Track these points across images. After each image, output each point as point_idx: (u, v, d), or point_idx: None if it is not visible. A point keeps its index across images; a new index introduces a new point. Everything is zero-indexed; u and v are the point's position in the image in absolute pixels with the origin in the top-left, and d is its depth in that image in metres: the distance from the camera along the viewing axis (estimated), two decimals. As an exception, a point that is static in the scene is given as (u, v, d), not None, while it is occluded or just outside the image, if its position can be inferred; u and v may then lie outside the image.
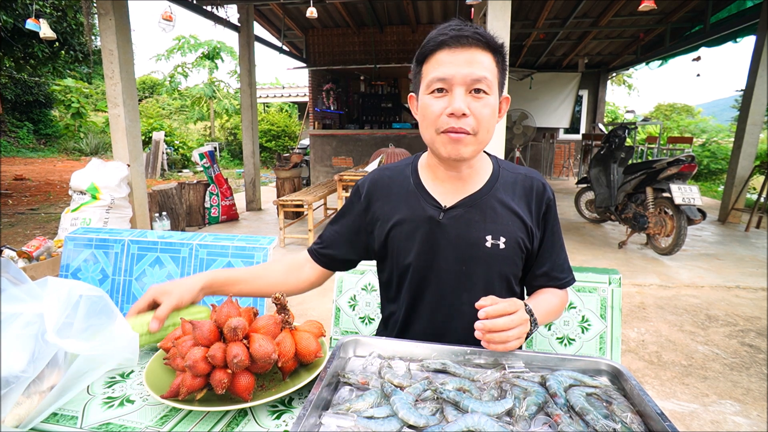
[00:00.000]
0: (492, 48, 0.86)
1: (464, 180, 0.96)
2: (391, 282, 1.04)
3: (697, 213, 4.00)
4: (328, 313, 1.43)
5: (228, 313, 0.81)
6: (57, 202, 7.51)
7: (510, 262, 0.95)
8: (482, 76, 0.83)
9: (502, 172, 1.00)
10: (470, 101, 0.84)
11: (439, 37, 0.85)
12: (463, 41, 0.83)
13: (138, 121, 4.37)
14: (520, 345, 0.80)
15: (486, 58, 0.85)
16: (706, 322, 3.00)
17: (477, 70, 0.83)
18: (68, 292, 0.77)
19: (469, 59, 0.83)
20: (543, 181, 1.00)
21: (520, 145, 9.10)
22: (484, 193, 0.96)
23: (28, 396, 0.71)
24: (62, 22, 6.92)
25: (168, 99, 19.16)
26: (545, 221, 0.98)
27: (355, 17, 8.03)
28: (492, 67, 0.86)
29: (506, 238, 0.94)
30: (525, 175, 1.00)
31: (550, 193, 0.99)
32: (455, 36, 0.83)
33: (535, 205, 0.97)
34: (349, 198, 1.08)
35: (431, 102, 0.86)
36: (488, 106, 0.85)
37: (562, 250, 1.01)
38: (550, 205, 0.98)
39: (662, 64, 8.51)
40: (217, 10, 5.98)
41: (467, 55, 0.83)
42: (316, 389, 0.69)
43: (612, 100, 20.87)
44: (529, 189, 0.98)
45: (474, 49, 0.84)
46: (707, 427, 1.93)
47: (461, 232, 0.94)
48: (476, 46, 0.84)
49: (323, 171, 9.16)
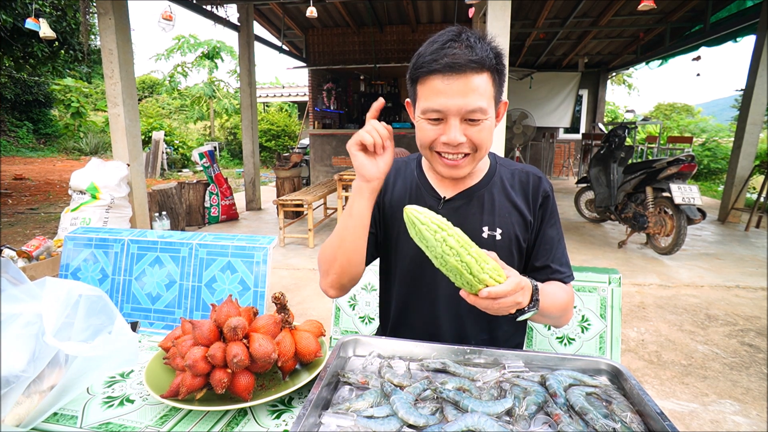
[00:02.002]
0: (488, 67, 0.84)
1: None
2: (390, 271, 1.06)
3: (696, 212, 4.01)
4: (328, 312, 1.43)
5: (228, 312, 0.81)
6: (57, 201, 7.50)
7: (506, 254, 0.96)
8: (477, 107, 0.82)
9: (500, 167, 1.02)
10: (466, 128, 0.85)
11: (433, 64, 0.82)
12: (456, 69, 0.81)
13: (138, 120, 4.36)
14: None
15: (481, 81, 0.83)
16: (706, 321, 3.01)
17: (471, 101, 0.82)
18: (68, 292, 0.77)
19: (463, 89, 0.82)
20: (540, 174, 1.01)
21: (520, 144, 9.09)
22: (483, 185, 0.99)
23: (28, 396, 0.71)
24: (62, 22, 6.91)
25: (168, 98, 19.15)
26: (542, 213, 0.99)
27: (354, 17, 8.03)
28: (488, 89, 0.84)
29: (502, 229, 0.96)
30: (521, 170, 1.02)
31: (547, 185, 1.00)
32: (449, 64, 0.81)
33: (532, 197, 0.99)
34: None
35: (427, 128, 0.87)
36: (485, 130, 0.86)
37: (561, 245, 1.01)
38: (547, 197, 0.99)
39: (662, 63, 8.50)
40: (216, 10, 5.97)
41: (461, 83, 0.81)
42: (315, 389, 0.69)
43: (612, 100, 20.88)
44: (526, 182, 1.00)
45: (468, 75, 0.82)
46: (707, 426, 1.93)
47: (459, 222, 0.94)
48: (471, 72, 0.82)
49: (323, 171, 9.16)
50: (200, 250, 1.57)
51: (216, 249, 1.56)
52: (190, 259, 1.57)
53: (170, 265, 1.58)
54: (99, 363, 0.78)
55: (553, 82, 10.01)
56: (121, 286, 1.61)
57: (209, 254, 1.56)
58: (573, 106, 10.15)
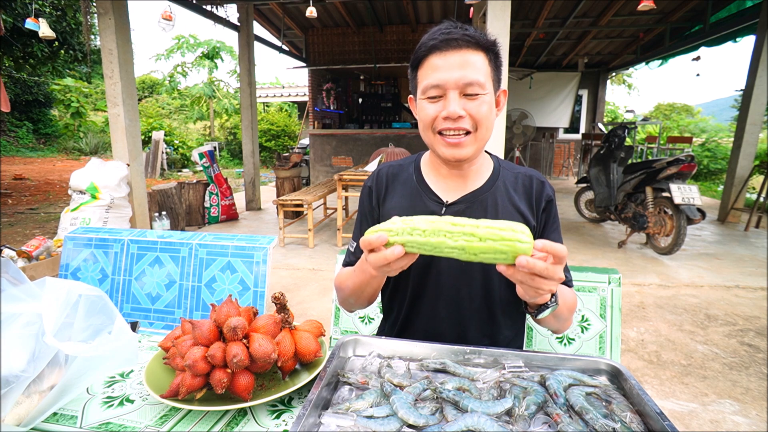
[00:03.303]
0: (483, 47, 0.87)
1: (466, 177, 0.98)
2: (393, 278, 1.05)
3: (696, 212, 4.01)
4: (327, 312, 1.43)
5: (228, 312, 0.81)
6: (56, 201, 7.50)
7: None
8: (474, 80, 0.84)
9: (503, 171, 1.01)
10: (465, 102, 0.86)
11: (430, 41, 0.86)
12: (453, 44, 0.85)
13: (137, 120, 4.37)
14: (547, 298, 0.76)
15: (478, 58, 0.86)
16: (706, 321, 3.01)
17: (469, 74, 0.84)
18: (68, 292, 0.77)
19: (460, 62, 0.85)
20: (542, 178, 1.01)
21: (519, 144, 9.10)
22: (486, 189, 0.98)
23: (28, 395, 0.71)
24: (61, 22, 6.92)
25: (167, 98, 19.15)
26: (545, 218, 0.99)
27: (354, 17, 8.03)
28: (484, 67, 0.87)
29: None
30: (525, 174, 1.01)
31: (550, 190, 1.00)
32: (445, 39, 0.85)
33: (535, 201, 0.99)
34: (361, 201, 1.08)
35: (427, 106, 0.89)
36: (484, 104, 0.87)
37: None
38: (549, 201, 0.99)
39: (662, 63, 8.50)
40: (216, 10, 5.97)
41: (458, 57, 0.85)
42: (315, 389, 0.69)
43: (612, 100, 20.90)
44: (529, 186, 0.99)
45: (465, 51, 0.85)
46: (706, 426, 1.93)
47: None
48: (466, 47, 0.85)
49: (323, 170, 9.16)
50: (200, 250, 1.57)
51: (216, 249, 1.56)
52: (190, 259, 1.57)
53: (170, 265, 1.58)
54: (99, 363, 0.78)
55: (552, 82, 10.01)
56: (120, 286, 1.61)
57: (209, 254, 1.56)
58: (573, 106, 10.15)
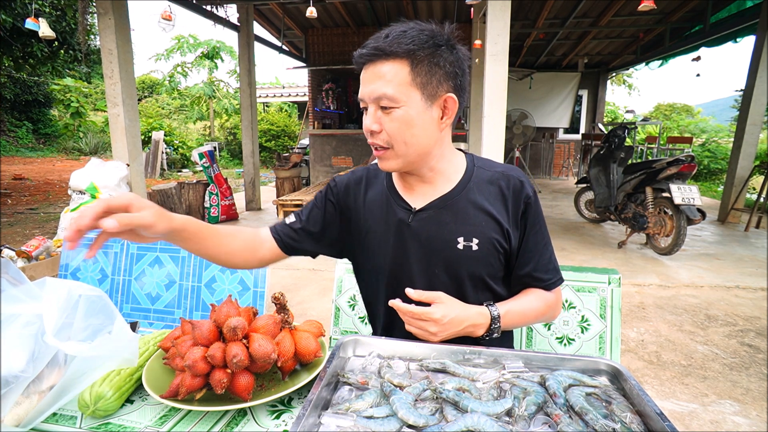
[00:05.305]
0: (399, 55, 0.80)
1: (432, 182, 0.95)
2: (370, 286, 1.05)
3: (696, 213, 4.01)
4: (327, 312, 1.43)
5: (227, 312, 0.81)
6: (56, 201, 7.50)
7: (485, 263, 0.93)
8: (382, 94, 0.82)
9: (477, 170, 0.96)
10: (381, 116, 0.85)
11: (356, 54, 0.85)
12: (365, 57, 0.83)
13: (137, 120, 4.36)
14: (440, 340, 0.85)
15: (390, 69, 0.81)
16: (706, 322, 3.01)
17: (378, 87, 0.82)
18: (67, 292, 0.77)
19: (371, 76, 0.83)
20: (521, 178, 0.94)
21: (519, 145, 9.09)
22: (456, 194, 0.93)
23: (28, 396, 0.71)
24: (61, 22, 6.91)
25: (167, 99, 19.15)
26: (525, 220, 0.94)
27: (354, 17, 8.03)
28: (400, 77, 0.81)
29: (479, 239, 0.91)
30: (502, 173, 0.95)
31: (530, 190, 0.94)
32: (360, 53, 0.84)
33: (512, 204, 0.93)
34: (323, 192, 1.05)
35: (364, 118, 0.89)
36: (395, 120, 0.83)
37: (546, 250, 0.96)
38: (529, 203, 0.93)
39: (662, 64, 8.51)
40: (216, 10, 5.97)
41: (371, 71, 0.83)
42: (315, 389, 0.69)
43: (612, 100, 20.89)
44: (505, 188, 0.93)
45: (376, 63, 0.82)
46: (707, 426, 1.93)
47: (431, 234, 0.93)
48: (377, 59, 0.82)
49: (323, 171, 9.16)
50: (200, 250, 1.56)
51: (216, 249, 1.56)
52: (190, 259, 1.57)
53: (170, 265, 1.58)
54: (99, 363, 0.77)
55: (552, 82, 10.01)
56: (120, 286, 1.60)
57: (209, 254, 1.56)
58: (573, 106, 10.15)
